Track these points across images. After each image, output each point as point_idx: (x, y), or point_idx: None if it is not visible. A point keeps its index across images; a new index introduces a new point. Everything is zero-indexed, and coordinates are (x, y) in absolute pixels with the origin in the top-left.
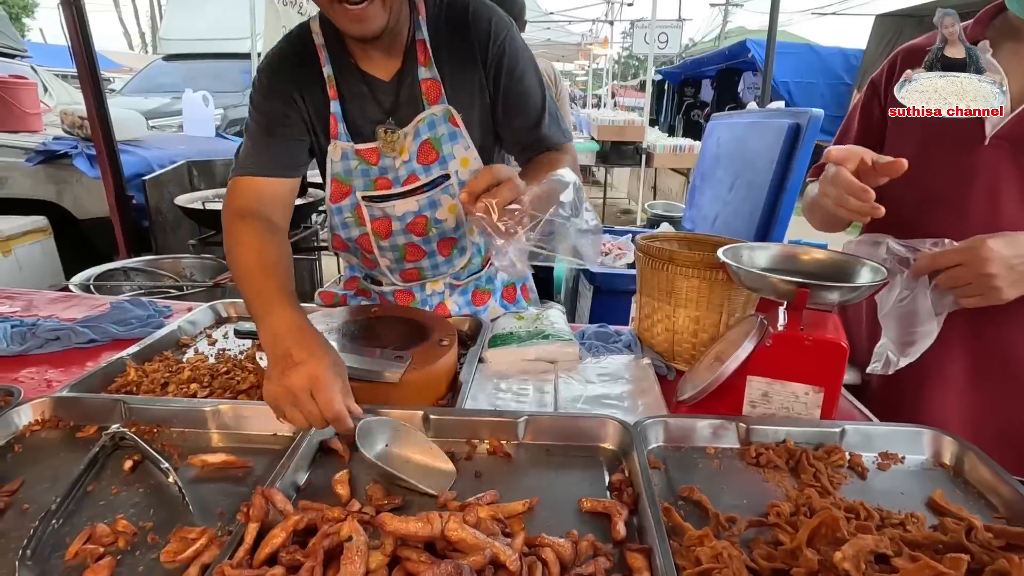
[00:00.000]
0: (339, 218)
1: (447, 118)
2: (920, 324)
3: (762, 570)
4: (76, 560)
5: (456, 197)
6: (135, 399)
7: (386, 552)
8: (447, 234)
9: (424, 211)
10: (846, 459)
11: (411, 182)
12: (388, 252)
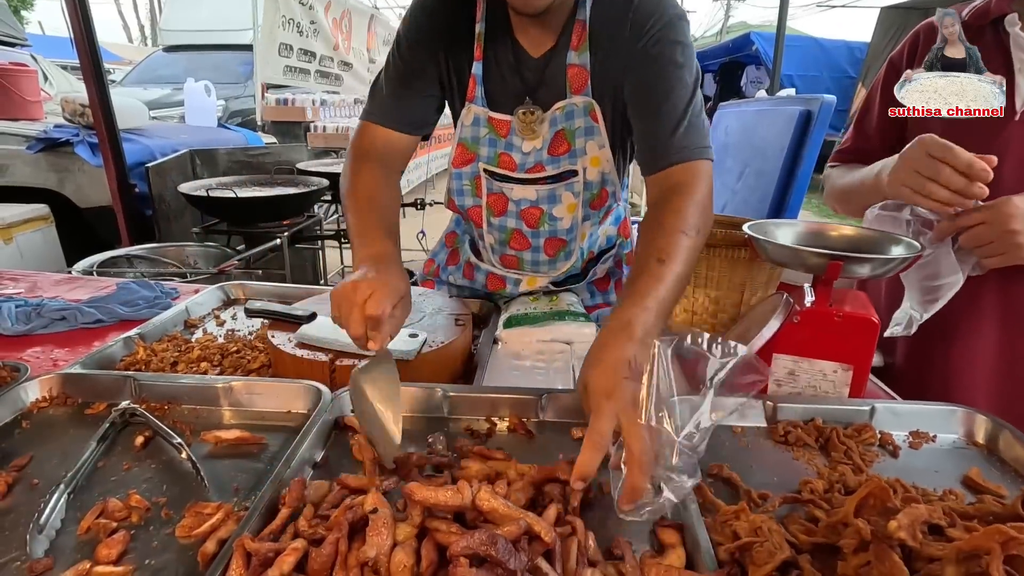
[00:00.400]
0: (457, 183)
1: (587, 111)
2: (942, 277)
3: (801, 545)
4: (88, 535)
5: (579, 196)
6: (145, 375)
7: (414, 523)
8: (559, 234)
9: (541, 203)
10: (877, 437)
11: (536, 171)
12: (495, 231)
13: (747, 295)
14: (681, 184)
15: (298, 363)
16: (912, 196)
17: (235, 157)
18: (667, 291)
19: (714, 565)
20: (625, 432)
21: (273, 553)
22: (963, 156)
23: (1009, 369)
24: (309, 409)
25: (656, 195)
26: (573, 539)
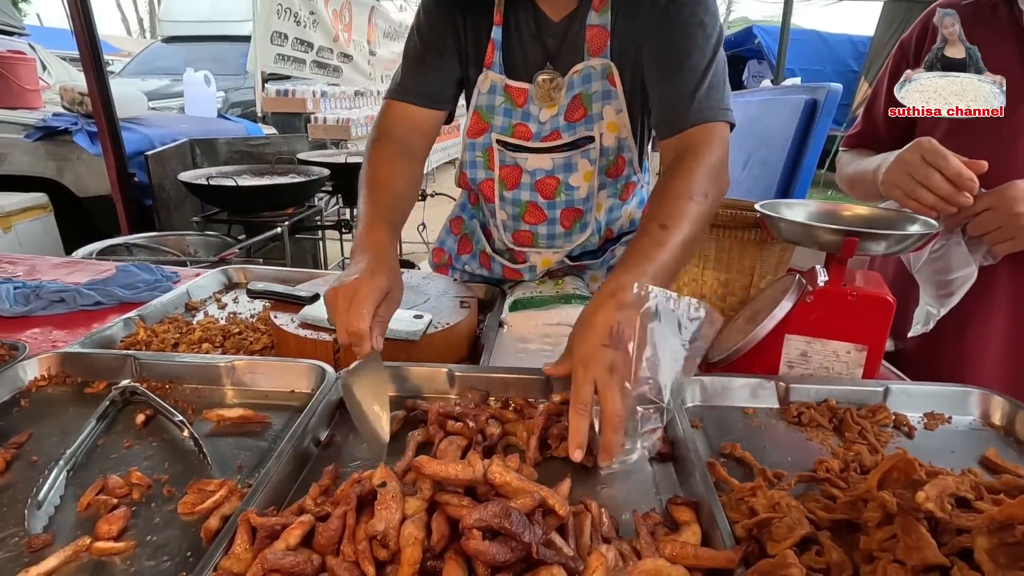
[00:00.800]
0: (471, 155)
1: (605, 74)
2: (956, 271)
3: (820, 521)
4: (88, 511)
5: (595, 163)
6: (146, 354)
7: (424, 496)
8: (575, 203)
9: (557, 172)
10: (891, 418)
11: (552, 139)
12: (508, 206)
13: (756, 278)
14: (695, 147)
15: (301, 343)
16: (903, 198)
17: (235, 147)
18: (669, 256)
19: (731, 542)
20: (600, 396)
21: (279, 527)
22: (953, 165)
23: (1020, 354)
24: (313, 388)
25: (670, 159)
26: (587, 515)
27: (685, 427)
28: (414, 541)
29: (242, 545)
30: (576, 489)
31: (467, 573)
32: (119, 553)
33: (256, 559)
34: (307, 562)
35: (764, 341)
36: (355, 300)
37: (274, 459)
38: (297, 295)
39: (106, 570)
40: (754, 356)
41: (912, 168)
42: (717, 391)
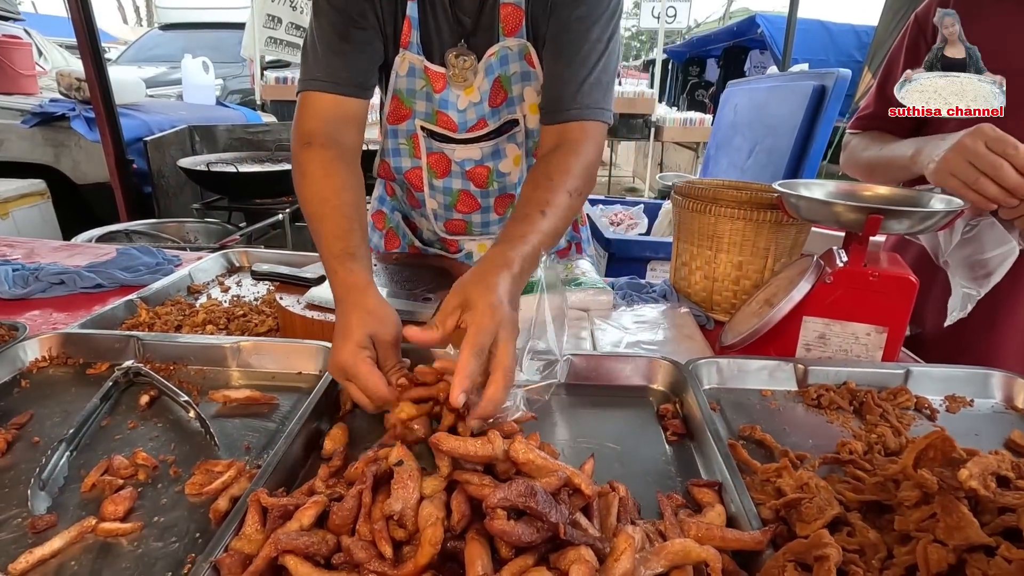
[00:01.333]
0: (393, 143)
1: (523, 54)
2: (991, 250)
3: (849, 503)
4: (93, 492)
5: (522, 146)
6: (149, 335)
7: (443, 475)
8: (508, 189)
9: (486, 161)
10: (913, 401)
11: (478, 128)
12: (439, 195)
13: (771, 261)
14: (574, 142)
15: (308, 324)
16: (961, 188)
17: (235, 134)
18: (543, 240)
19: (758, 524)
20: (498, 348)
21: (292, 507)
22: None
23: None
24: (321, 370)
25: (549, 147)
26: (613, 495)
27: (704, 408)
28: (434, 521)
29: (253, 526)
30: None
31: (490, 554)
32: (126, 534)
33: (269, 539)
34: (322, 542)
35: (781, 323)
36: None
37: (284, 439)
38: (303, 276)
39: (112, 551)
40: (770, 339)
41: (975, 157)
42: (733, 373)
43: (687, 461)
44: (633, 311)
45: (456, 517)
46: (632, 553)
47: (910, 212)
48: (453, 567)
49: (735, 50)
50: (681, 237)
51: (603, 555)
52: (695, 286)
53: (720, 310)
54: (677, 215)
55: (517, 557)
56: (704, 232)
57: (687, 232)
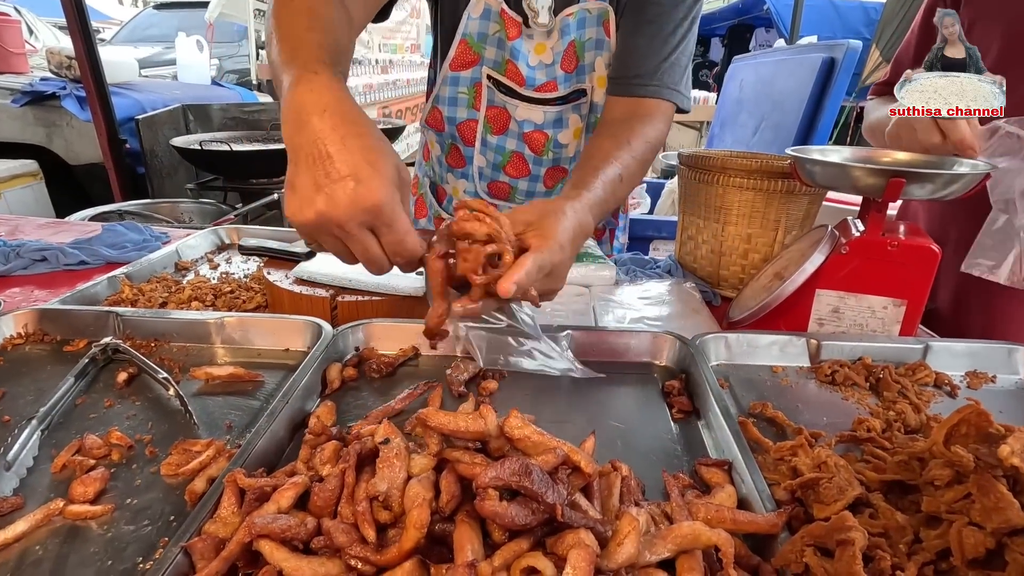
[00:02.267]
0: (451, 90)
1: (601, 20)
2: None
3: (870, 483)
4: (64, 473)
5: (584, 119)
6: (129, 311)
7: (432, 452)
8: (562, 162)
9: (547, 127)
10: (932, 377)
11: (547, 89)
12: (491, 152)
13: (781, 233)
14: (647, 117)
15: (296, 300)
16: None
17: (230, 113)
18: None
19: (771, 505)
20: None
21: (270, 488)
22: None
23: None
24: (309, 346)
25: (620, 115)
26: (615, 475)
27: (713, 384)
28: (421, 502)
29: (229, 508)
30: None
31: (481, 538)
32: (95, 517)
33: (243, 523)
34: (300, 525)
35: (792, 297)
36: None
37: (266, 417)
38: (292, 251)
39: (81, 535)
40: (780, 314)
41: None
42: (743, 349)
43: (694, 440)
44: (637, 286)
45: (445, 498)
46: (636, 536)
47: (934, 175)
48: (441, 551)
49: (740, 28)
50: (687, 210)
51: (604, 539)
52: (701, 260)
53: (727, 285)
54: (683, 187)
55: (510, 541)
56: (711, 204)
57: (693, 204)
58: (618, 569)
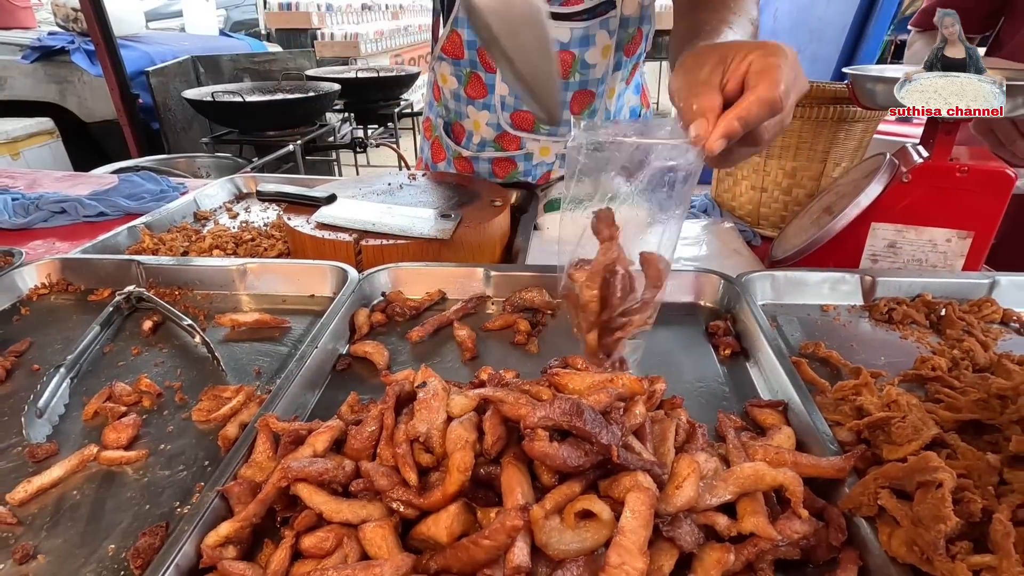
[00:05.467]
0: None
1: None
2: None
3: (943, 422)
4: (96, 420)
5: (614, 35)
6: (151, 259)
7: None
8: (588, 85)
9: (573, 46)
10: (1000, 313)
11: (572, 3)
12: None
13: (829, 167)
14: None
15: (319, 245)
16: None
17: (240, 64)
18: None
19: (834, 448)
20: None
21: (305, 432)
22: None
23: None
24: (335, 291)
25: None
26: (671, 421)
27: (763, 323)
28: (463, 444)
29: (263, 452)
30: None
31: (530, 481)
32: (130, 462)
33: (279, 466)
34: (338, 468)
35: (843, 233)
36: None
37: (295, 362)
38: (312, 196)
39: (117, 480)
40: (829, 251)
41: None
42: (790, 287)
43: (744, 381)
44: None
45: (490, 440)
46: (696, 479)
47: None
48: (487, 495)
49: None
50: None
51: (661, 482)
52: (740, 198)
53: (768, 224)
54: None
55: (561, 484)
56: None
57: None
58: (676, 513)
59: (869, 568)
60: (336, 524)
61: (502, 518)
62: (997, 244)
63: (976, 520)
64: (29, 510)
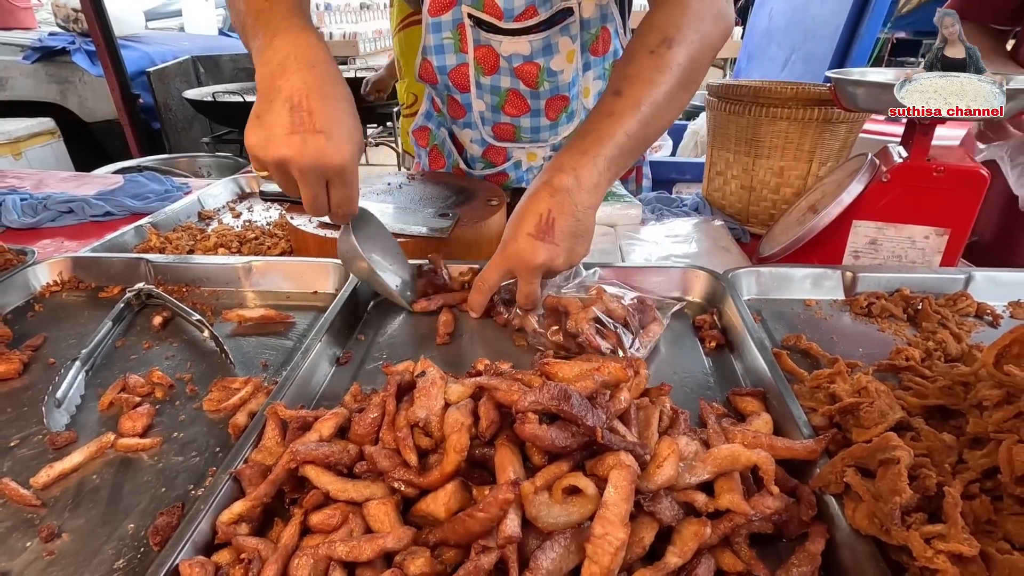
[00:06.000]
0: (435, 38)
1: None
2: None
3: (911, 408)
4: (111, 410)
5: (576, 39)
6: (160, 257)
7: (469, 383)
8: (560, 90)
9: (536, 57)
10: (974, 307)
11: (527, 17)
12: (487, 94)
13: (815, 166)
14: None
15: (321, 243)
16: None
17: (240, 63)
18: (622, 131)
19: (808, 432)
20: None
21: (311, 419)
22: None
23: None
24: (337, 288)
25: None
26: (655, 408)
27: (746, 317)
28: (460, 427)
29: (272, 438)
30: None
31: (521, 460)
32: (146, 449)
33: (287, 450)
34: (343, 452)
35: (826, 230)
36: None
37: (301, 354)
38: None
39: (134, 466)
40: (813, 247)
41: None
42: (775, 282)
43: (728, 372)
44: (663, 225)
45: (484, 423)
46: (675, 460)
47: None
48: (482, 475)
49: None
50: (716, 144)
51: (644, 462)
52: (730, 197)
53: (757, 222)
54: (712, 120)
55: (551, 463)
56: (742, 136)
57: (723, 138)
58: (658, 491)
59: (836, 540)
60: (342, 502)
61: (495, 492)
62: (979, 241)
63: (931, 494)
64: (51, 493)
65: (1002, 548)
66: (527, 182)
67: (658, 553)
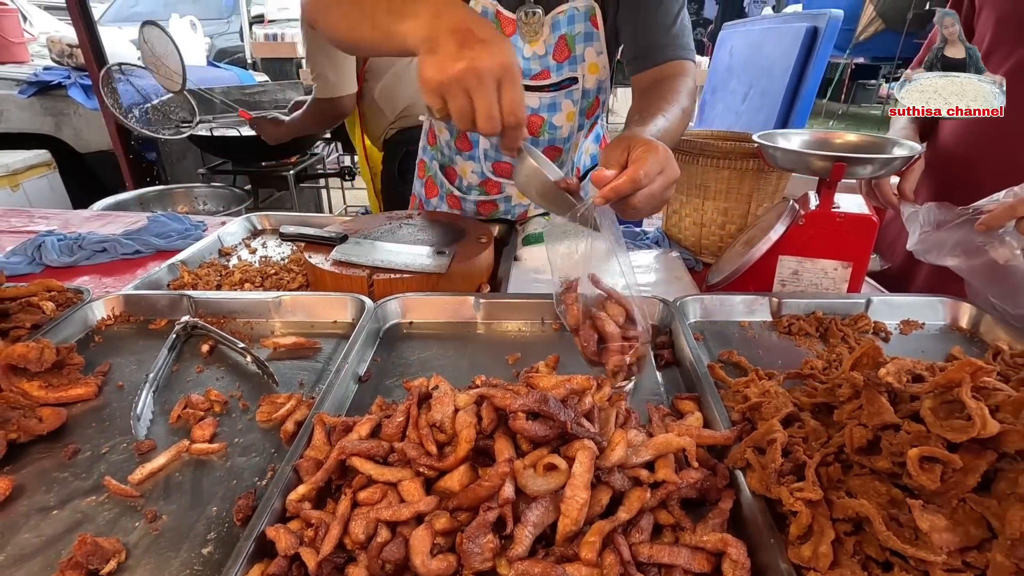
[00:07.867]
0: None
1: (588, 16)
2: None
3: (803, 405)
4: (179, 423)
5: (577, 104)
6: (199, 293)
7: (472, 394)
8: (556, 142)
9: (542, 111)
10: (871, 325)
11: (541, 78)
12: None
13: (754, 205)
14: (676, 75)
15: (337, 279)
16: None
17: (231, 96)
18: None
19: (728, 425)
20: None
21: (351, 423)
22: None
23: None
24: (354, 318)
25: (649, 83)
26: (612, 410)
27: (689, 338)
28: (468, 425)
29: (320, 439)
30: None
31: (514, 448)
32: (215, 452)
33: (336, 446)
34: (378, 446)
35: (759, 262)
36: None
37: (333, 374)
38: (327, 236)
39: (207, 466)
40: (750, 276)
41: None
42: (716, 307)
43: (674, 382)
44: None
45: (486, 422)
46: (625, 445)
47: (872, 159)
48: (485, 461)
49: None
50: None
51: (602, 448)
52: (685, 232)
53: (708, 253)
54: None
55: (535, 449)
56: (693, 181)
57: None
58: (611, 467)
59: (740, 502)
60: (381, 483)
61: (496, 468)
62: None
63: (800, 463)
64: (145, 488)
65: (841, 496)
66: (512, 214)
67: (612, 512)
